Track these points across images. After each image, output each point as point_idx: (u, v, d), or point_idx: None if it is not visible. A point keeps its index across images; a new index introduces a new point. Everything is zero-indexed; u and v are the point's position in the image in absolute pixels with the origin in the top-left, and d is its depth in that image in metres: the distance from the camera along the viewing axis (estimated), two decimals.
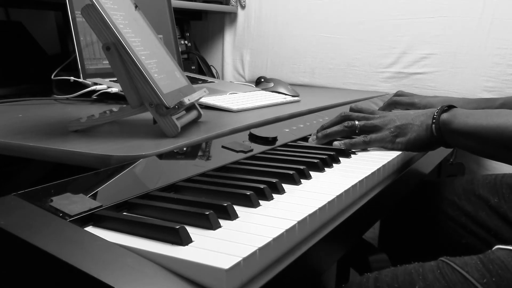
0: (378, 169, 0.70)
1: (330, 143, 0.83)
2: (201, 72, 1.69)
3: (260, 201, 0.53)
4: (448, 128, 0.76)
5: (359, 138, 0.81)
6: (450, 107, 0.79)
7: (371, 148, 0.84)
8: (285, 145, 0.81)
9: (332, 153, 0.74)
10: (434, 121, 0.77)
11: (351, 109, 0.89)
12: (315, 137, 0.84)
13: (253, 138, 0.78)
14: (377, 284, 0.60)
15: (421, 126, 0.79)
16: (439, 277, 0.58)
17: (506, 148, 0.71)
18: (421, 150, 0.83)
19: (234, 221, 0.48)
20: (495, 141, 0.72)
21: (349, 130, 0.83)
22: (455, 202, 0.95)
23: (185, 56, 1.62)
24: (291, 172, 0.62)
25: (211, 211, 0.46)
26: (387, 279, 0.60)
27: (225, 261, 0.38)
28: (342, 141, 0.81)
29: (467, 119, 0.75)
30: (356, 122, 0.83)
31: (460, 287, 0.56)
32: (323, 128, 0.85)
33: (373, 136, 0.81)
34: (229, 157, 0.69)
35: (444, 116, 0.77)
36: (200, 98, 0.86)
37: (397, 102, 1.09)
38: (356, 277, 0.63)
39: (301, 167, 0.65)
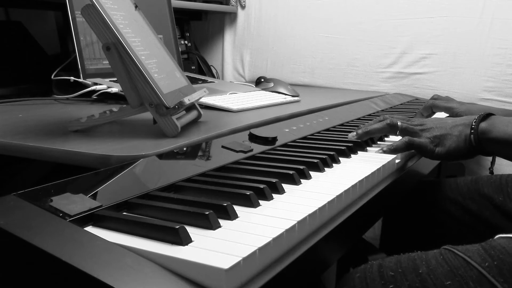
0: (378, 169, 0.70)
1: (332, 142, 0.83)
2: (201, 72, 1.69)
3: (260, 201, 0.53)
4: (487, 137, 0.75)
5: (401, 142, 0.80)
6: (488, 115, 0.78)
7: (371, 148, 0.84)
8: (285, 145, 0.81)
9: (332, 153, 0.74)
10: (472, 131, 0.76)
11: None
12: (355, 133, 0.84)
13: (253, 138, 0.78)
14: (381, 270, 0.60)
15: (459, 137, 0.78)
16: (442, 262, 0.59)
17: None
18: (460, 159, 0.83)
19: (234, 221, 0.48)
20: None
21: (390, 129, 0.83)
22: (458, 202, 0.95)
23: (185, 56, 1.62)
24: (291, 172, 0.62)
25: (211, 211, 0.46)
26: (391, 265, 0.61)
27: (225, 261, 0.38)
28: (385, 148, 0.80)
29: (506, 128, 0.74)
30: (399, 123, 0.82)
31: (462, 271, 0.57)
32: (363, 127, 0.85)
33: (417, 140, 0.80)
34: (229, 157, 0.69)
35: (483, 125, 0.76)
36: (200, 98, 0.86)
37: (434, 105, 1.08)
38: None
39: (301, 167, 0.65)
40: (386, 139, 0.94)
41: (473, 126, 0.77)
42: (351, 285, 0.61)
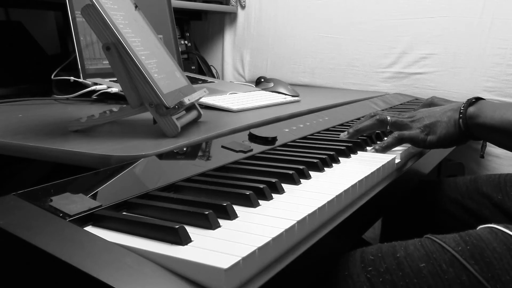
0: (378, 169, 0.70)
1: (333, 142, 0.83)
2: (201, 72, 1.69)
3: (260, 201, 0.53)
4: (475, 122, 0.76)
5: (391, 137, 0.81)
6: (477, 99, 0.79)
7: (371, 148, 0.84)
8: (284, 145, 0.81)
9: (332, 153, 0.74)
10: (461, 115, 0.77)
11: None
12: (346, 132, 0.85)
13: (253, 138, 0.78)
14: (362, 255, 0.63)
15: (449, 122, 0.79)
16: (419, 247, 0.62)
17: None
18: (453, 145, 0.83)
19: (233, 220, 0.48)
20: None
21: (380, 124, 0.83)
22: (458, 201, 0.95)
23: (185, 56, 1.62)
24: (290, 172, 0.62)
25: (211, 211, 0.46)
26: (372, 250, 0.63)
27: (224, 261, 0.38)
28: (377, 146, 0.81)
29: (493, 113, 0.75)
30: (388, 117, 0.83)
31: (437, 254, 0.60)
32: (353, 126, 0.85)
33: (406, 133, 0.81)
34: (229, 157, 0.69)
35: (471, 109, 0.77)
36: (200, 98, 0.87)
37: (433, 103, 1.08)
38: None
39: (301, 167, 0.65)
40: (385, 138, 0.94)
41: (461, 111, 0.77)
42: (334, 270, 0.63)
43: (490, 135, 0.76)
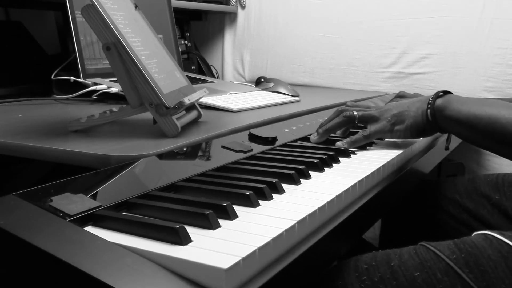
0: (378, 169, 0.70)
1: (331, 142, 0.83)
2: (201, 72, 1.69)
3: (260, 201, 0.53)
4: (442, 114, 0.77)
5: (359, 135, 0.81)
6: (445, 92, 0.79)
7: (371, 148, 0.84)
8: (284, 145, 0.81)
9: (331, 153, 0.74)
10: (429, 106, 0.78)
11: (347, 106, 0.90)
12: (316, 133, 0.85)
13: (253, 138, 0.78)
14: (357, 263, 0.63)
15: (417, 112, 0.79)
16: (413, 255, 0.61)
17: (495, 140, 0.72)
18: (419, 136, 0.83)
19: (233, 221, 0.48)
20: (486, 132, 0.72)
21: (348, 120, 0.83)
22: (456, 200, 0.95)
23: (185, 56, 1.62)
24: (290, 172, 0.62)
25: (211, 211, 0.46)
26: (366, 259, 0.63)
27: (225, 261, 0.38)
28: (344, 141, 0.81)
29: (461, 106, 0.75)
30: (355, 112, 0.83)
31: (432, 263, 0.60)
32: (322, 125, 0.85)
33: (372, 128, 0.81)
34: (229, 157, 0.69)
35: (439, 101, 0.77)
36: (200, 98, 0.87)
37: (403, 96, 1.08)
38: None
39: (301, 167, 0.65)
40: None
41: (429, 102, 0.78)
42: (328, 279, 0.63)
43: (455, 128, 0.77)
